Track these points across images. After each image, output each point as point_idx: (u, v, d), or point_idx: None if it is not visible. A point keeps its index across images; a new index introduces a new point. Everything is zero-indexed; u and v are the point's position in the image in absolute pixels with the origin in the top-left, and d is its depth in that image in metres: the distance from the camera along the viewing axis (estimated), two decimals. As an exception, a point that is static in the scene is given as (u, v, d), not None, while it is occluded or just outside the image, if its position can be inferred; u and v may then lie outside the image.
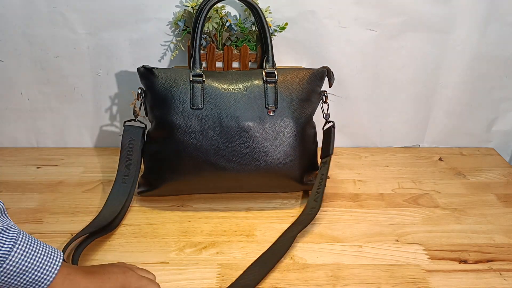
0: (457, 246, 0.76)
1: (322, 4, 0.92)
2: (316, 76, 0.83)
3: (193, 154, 0.78)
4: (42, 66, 0.96)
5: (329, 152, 0.85)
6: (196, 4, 0.87)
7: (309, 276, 0.69)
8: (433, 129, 1.09)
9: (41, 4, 0.90)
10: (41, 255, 0.51)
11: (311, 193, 0.83)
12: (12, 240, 0.49)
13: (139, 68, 0.81)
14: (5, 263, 0.48)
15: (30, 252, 0.50)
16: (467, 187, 0.94)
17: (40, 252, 0.51)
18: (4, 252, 0.48)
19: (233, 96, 0.79)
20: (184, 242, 0.76)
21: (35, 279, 0.50)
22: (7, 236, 0.49)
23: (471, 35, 0.97)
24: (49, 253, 0.52)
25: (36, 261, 0.50)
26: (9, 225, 0.50)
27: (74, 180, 0.92)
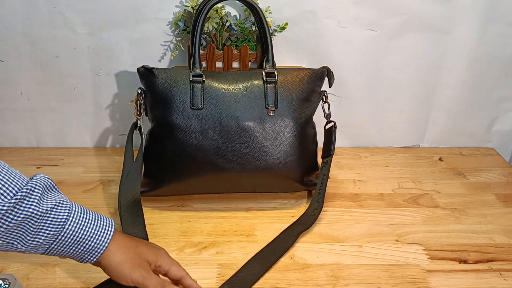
0: (457, 246, 0.76)
1: (322, 4, 0.92)
2: (316, 76, 0.83)
3: (193, 154, 0.78)
4: (42, 66, 0.96)
5: (330, 152, 0.85)
6: (196, 4, 0.87)
7: (309, 276, 0.69)
8: (433, 129, 1.09)
9: (41, 4, 0.90)
10: (95, 226, 0.54)
11: (314, 194, 0.83)
12: (65, 214, 0.51)
13: (139, 68, 0.81)
14: (60, 235, 0.51)
15: (84, 223, 0.53)
16: (467, 187, 0.94)
17: (93, 223, 0.54)
18: (59, 225, 0.50)
19: (233, 96, 0.79)
20: (184, 242, 0.76)
21: (90, 248, 0.53)
22: (60, 210, 0.51)
23: (471, 35, 0.97)
24: (102, 223, 0.55)
25: (91, 231, 0.53)
26: (62, 199, 0.52)
27: (74, 180, 0.92)
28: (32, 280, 0.67)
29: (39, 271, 0.68)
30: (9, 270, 0.68)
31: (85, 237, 0.53)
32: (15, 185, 0.48)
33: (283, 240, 0.75)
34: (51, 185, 0.53)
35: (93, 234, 0.54)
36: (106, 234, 0.55)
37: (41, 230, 0.50)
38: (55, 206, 0.51)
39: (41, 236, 0.50)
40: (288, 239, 0.75)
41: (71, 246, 0.53)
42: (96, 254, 0.54)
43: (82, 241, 0.53)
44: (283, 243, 0.74)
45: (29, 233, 0.49)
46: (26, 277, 0.67)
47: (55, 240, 0.51)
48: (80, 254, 0.54)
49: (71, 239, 0.52)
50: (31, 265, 0.69)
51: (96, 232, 0.54)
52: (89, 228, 0.53)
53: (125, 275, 0.55)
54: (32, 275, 0.67)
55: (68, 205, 0.53)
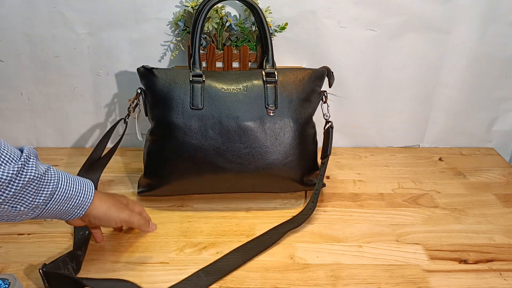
0: (457, 246, 0.76)
1: (322, 4, 0.92)
2: (316, 76, 0.83)
3: (193, 154, 0.78)
4: (42, 66, 0.96)
5: (327, 153, 0.85)
6: (196, 4, 0.87)
7: (309, 276, 0.69)
8: (433, 129, 1.09)
9: (41, 4, 0.90)
10: (79, 184, 0.62)
11: (312, 194, 0.83)
12: (56, 176, 0.59)
13: (139, 68, 0.81)
14: (55, 194, 0.58)
15: (71, 183, 0.61)
16: (467, 187, 0.94)
17: (77, 182, 0.62)
18: (54, 185, 0.58)
19: (233, 96, 0.79)
20: (184, 242, 0.76)
21: (79, 203, 0.61)
22: (51, 173, 0.58)
23: (471, 35, 0.97)
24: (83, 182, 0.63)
25: (77, 188, 0.61)
26: (48, 165, 0.59)
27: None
28: (32, 280, 0.67)
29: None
30: (9, 270, 0.68)
31: (74, 193, 0.61)
32: (15, 153, 0.54)
33: (270, 236, 0.75)
34: (37, 154, 0.59)
35: (80, 190, 0.62)
36: (89, 189, 0.63)
37: (41, 190, 0.56)
38: (47, 170, 0.58)
39: (40, 196, 0.56)
40: (275, 236, 0.75)
41: (64, 203, 0.60)
42: (84, 206, 0.62)
43: (73, 197, 0.60)
44: (269, 239, 0.75)
45: (31, 195, 0.55)
46: (26, 277, 0.67)
47: (51, 199, 0.58)
48: (71, 210, 0.61)
49: (64, 196, 0.59)
50: (31, 265, 0.69)
51: (81, 188, 0.62)
52: (76, 186, 0.61)
53: (114, 218, 0.66)
54: (32, 275, 0.68)
55: (54, 169, 0.60)
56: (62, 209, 0.60)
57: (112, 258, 0.71)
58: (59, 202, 0.59)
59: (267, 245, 0.74)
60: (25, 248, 0.73)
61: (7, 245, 0.74)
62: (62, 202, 0.59)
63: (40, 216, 0.59)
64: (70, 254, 0.68)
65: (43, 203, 0.57)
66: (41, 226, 0.78)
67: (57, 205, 0.59)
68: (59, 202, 0.59)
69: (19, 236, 0.76)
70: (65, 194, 0.59)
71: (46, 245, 0.74)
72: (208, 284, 0.66)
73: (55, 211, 0.59)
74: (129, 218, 0.69)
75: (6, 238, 0.75)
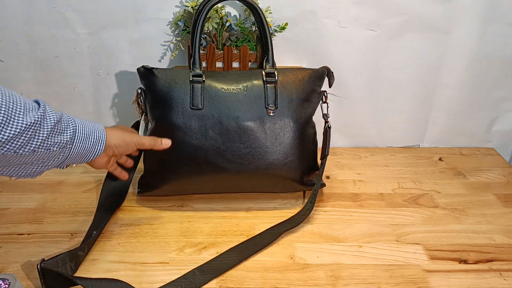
0: (457, 246, 0.76)
1: (322, 4, 0.92)
2: (316, 76, 0.83)
3: (193, 154, 0.78)
4: (42, 66, 0.96)
5: (325, 153, 0.85)
6: (196, 4, 0.87)
7: (309, 276, 0.69)
8: (433, 129, 1.09)
9: (41, 4, 0.90)
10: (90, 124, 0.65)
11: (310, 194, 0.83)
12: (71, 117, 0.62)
13: (139, 68, 0.81)
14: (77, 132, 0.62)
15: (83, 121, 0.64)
16: (467, 187, 0.94)
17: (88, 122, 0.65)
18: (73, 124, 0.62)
19: (233, 96, 0.79)
20: (184, 242, 0.76)
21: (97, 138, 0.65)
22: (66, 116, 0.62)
23: (471, 35, 0.97)
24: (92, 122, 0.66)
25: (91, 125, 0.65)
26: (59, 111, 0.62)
27: (74, 180, 0.92)
28: (32, 280, 0.67)
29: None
30: (9, 270, 0.68)
31: (91, 130, 0.65)
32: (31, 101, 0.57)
33: (267, 236, 0.75)
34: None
35: (93, 127, 0.65)
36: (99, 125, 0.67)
37: (65, 130, 0.60)
38: (62, 114, 0.61)
39: (66, 135, 0.60)
40: (272, 236, 0.76)
41: (86, 140, 0.64)
42: (103, 139, 0.66)
43: (91, 134, 0.65)
44: (266, 239, 0.75)
45: (59, 134, 0.59)
46: (26, 277, 0.67)
47: (75, 137, 0.62)
48: (93, 146, 0.65)
49: (84, 133, 0.63)
50: (31, 265, 0.69)
51: (94, 126, 0.66)
52: (89, 125, 0.65)
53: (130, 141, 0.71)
54: (32, 275, 0.68)
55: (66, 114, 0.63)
56: (86, 146, 0.64)
57: (112, 258, 0.71)
58: (82, 139, 0.63)
59: (264, 244, 0.74)
60: (25, 248, 0.73)
61: (7, 245, 0.74)
62: (84, 139, 0.63)
63: (69, 158, 0.62)
64: (71, 253, 0.68)
65: (70, 141, 0.61)
66: (41, 226, 0.78)
67: (81, 143, 0.63)
68: (81, 139, 0.63)
69: (19, 236, 0.76)
70: (84, 131, 0.63)
71: (46, 245, 0.74)
72: (204, 283, 0.67)
73: (80, 151, 0.63)
74: (141, 138, 0.73)
75: (6, 238, 0.75)
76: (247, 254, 0.72)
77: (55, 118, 0.58)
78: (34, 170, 0.60)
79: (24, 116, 0.53)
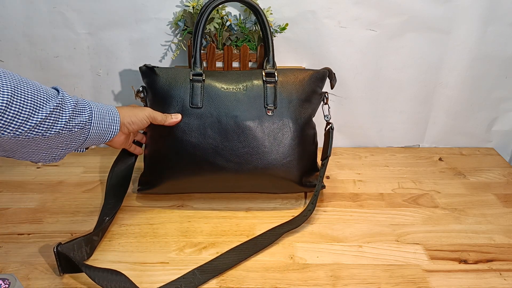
0: (457, 246, 0.76)
1: (322, 4, 0.92)
2: (316, 77, 0.83)
3: (191, 152, 0.78)
4: (42, 66, 0.96)
5: (327, 154, 0.85)
6: (196, 4, 0.87)
7: (309, 276, 0.69)
8: (433, 129, 1.09)
9: (41, 4, 0.90)
10: (102, 105, 0.68)
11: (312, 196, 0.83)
12: (85, 100, 0.65)
13: (141, 67, 0.81)
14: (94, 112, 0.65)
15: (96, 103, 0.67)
16: (467, 187, 0.94)
17: (99, 104, 0.68)
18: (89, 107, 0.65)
19: (233, 95, 0.79)
20: (184, 242, 0.76)
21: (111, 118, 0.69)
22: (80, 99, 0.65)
23: (471, 35, 0.97)
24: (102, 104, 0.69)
25: (105, 107, 0.68)
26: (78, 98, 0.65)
27: (74, 180, 0.92)
28: (32, 280, 0.67)
29: (39, 271, 0.68)
30: (9, 270, 0.68)
31: (105, 111, 0.68)
32: (50, 89, 0.61)
33: (267, 237, 0.75)
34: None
35: (106, 107, 0.69)
36: (110, 106, 0.70)
37: (83, 111, 0.64)
38: (77, 97, 0.64)
39: (85, 115, 0.64)
40: (273, 236, 0.76)
41: (103, 120, 0.67)
42: (117, 119, 0.69)
43: (106, 114, 0.68)
44: (267, 240, 0.75)
45: (78, 115, 0.63)
46: (26, 277, 0.67)
47: (93, 118, 0.65)
48: (109, 126, 0.68)
49: (100, 113, 0.67)
50: (31, 265, 0.69)
51: (106, 106, 0.69)
52: (101, 105, 0.68)
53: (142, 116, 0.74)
54: (32, 275, 0.68)
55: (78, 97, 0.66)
56: (103, 126, 0.67)
57: (112, 258, 0.71)
58: (98, 120, 0.66)
59: (264, 245, 0.74)
60: (25, 248, 0.73)
61: (7, 245, 0.74)
62: (100, 119, 0.66)
63: (90, 139, 0.66)
64: (86, 238, 0.70)
65: (88, 121, 0.64)
66: (41, 226, 0.78)
67: (98, 123, 0.66)
68: (98, 120, 0.66)
69: (19, 236, 0.76)
70: (100, 112, 0.67)
71: (46, 245, 0.74)
72: (203, 282, 0.67)
73: (98, 130, 0.67)
74: (153, 112, 0.76)
75: (6, 238, 0.75)
76: (247, 254, 0.72)
77: (73, 101, 0.62)
78: (58, 153, 0.65)
79: (48, 102, 0.58)
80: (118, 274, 0.64)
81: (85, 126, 0.64)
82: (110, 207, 0.81)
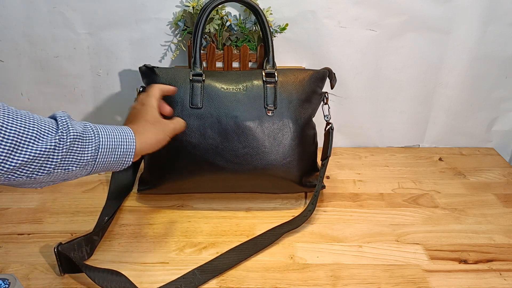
0: (457, 246, 0.76)
1: (322, 4, 0.92)
2: (316, 77, 0.83)
3: (191, 152, 0.78)
4: (42, 66, 0.96)
5: (327, 154, 0.85)
6: (196, 4, 0.87)
7: (309, 276, 0.69)
8: (433, 129, 1.09)
9: (41, 4, 0.90)
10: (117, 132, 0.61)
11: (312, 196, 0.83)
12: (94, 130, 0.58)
13: (141, 67, 0.81)
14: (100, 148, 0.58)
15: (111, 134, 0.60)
16: (467, 187, 0.94)
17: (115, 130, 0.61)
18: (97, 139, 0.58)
19: (233, 95, 0.79)
20: (184, 242, 0.76)
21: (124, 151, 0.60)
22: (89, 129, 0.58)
23: (471, 35, 0.97)
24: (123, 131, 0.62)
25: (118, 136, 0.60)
26: (82, 122, 0.59)
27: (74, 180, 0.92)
28: (32, 280, 0.67)
29: (39, 271, 0.68)
30: (9, 270, 0.68)
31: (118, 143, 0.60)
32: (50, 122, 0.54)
33: (267, 237, 0.76)
34: (69, 116, 0.58)
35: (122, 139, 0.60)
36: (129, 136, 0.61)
37: (85, 148, 0.56)
38: (85, 127, 0.57)
39: (87, 153, 0.56)
40: (273, 237, 0.76)
41: (111, 155, 0.59)
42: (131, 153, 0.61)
43: (117, 147, 0.60)
44: (267, 240, 0.75)
45: (79, 153, 0.55)
46: (26, 277, 0.67)
47: (98, 154, 0.58)
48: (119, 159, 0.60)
49: (108, 148, 0.59)
50: (31, 265, 0.69)
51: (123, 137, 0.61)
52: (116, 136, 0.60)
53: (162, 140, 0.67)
54: (32, 275, 0.68)
55: (90, 124, 0.59)
56: (110, 161, 0.60)
57: (112, 258, 0.71)
58: (106, 154, 0.59)
59: (264, 245, 0.74)
60: (25, 248, 0.73)
61: (7, 245, 0.74)
62: (109, 154, 0.59)
63: (94, 171, 0.59)
64: (86, 237, 0.70)
65: (91, 159, 0.57)
66: (41, 226, 0.78)
67: (105, 158, 0.59)
68: (105, 154, 0.59)
69: (19, 236, 0.76)
70: (109, 146, 0.59)
71: (46, 245, 0.74)
72: (203, 282, 0.67)
73: (105, 164, 0.60)
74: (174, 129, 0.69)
75: (6, 238, 0.75)
76: (247, 254, 0.72)
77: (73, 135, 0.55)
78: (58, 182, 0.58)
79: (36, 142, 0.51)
80: (118, 275, 0.64)
81: (87, 163, 0.57)
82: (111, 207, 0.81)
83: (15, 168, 0.50)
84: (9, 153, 0.49)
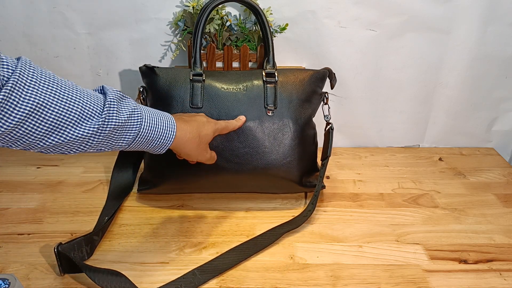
0: (457, 246, 0.76)
1: (322, 4, 0.92)
2: (316, 77, 0.83)
3: (192, 153, 0.78)
4: (42, 66, 0.96)
5: (327, 154, 0.85)
6: (196, 4, 0.87)
7: (309, 276, 0.69)
8: (433, 129, 1.09)
9: (41, 4, 0.90)
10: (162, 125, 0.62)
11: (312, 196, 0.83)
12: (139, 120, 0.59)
13: (141, 67, 0.81)
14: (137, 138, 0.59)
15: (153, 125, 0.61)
16: (467, 187, 0.94)
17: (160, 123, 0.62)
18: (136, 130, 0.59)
19: (233, 95, 0.79)
20: (184, 242, 0.76)
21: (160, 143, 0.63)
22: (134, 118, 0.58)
23: (471, 35, 0.97)
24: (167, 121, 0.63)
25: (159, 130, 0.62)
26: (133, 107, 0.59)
27: (74, 180, 0.92)
28: (32, 280, 0.67)
29: (39, 271, 0.68)
30: (9, 270, 0.68)
31: (156, 136, 0.62)
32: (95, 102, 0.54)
33: (267, 237, 0.76)
34: (122, 96, 0.59)
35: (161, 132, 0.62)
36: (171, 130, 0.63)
37: (123, 136, 0.58)
38: (130, 115, 0.58)
39: (123, 141, 0.58)
40: (273, 236, 0.76)
41: (146, 143, 0.61)
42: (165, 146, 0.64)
43: (155, 139, 0.62)
44: (267, 240, 0.75)
45: (115, 140, 0.57)
46: (26, 277, 0.67)
47: (133, 141, 0.59)
48: (153, 148, 0.63)
49: (145, 138, 0.61)
50: (31, 265, 0.69)
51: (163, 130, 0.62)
52: (158, 128, 0.62)
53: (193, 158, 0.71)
54: (32, 275, 0.68)
55: (139, 110, 0.60)
56: (144, 147, 0.62)
57: (112, 258, 0.71)
58: (142, 142, 0.61)
59: (264, 245, 0.74)
60: (25, 248, 0.73)
61: (7, 245, 0.74)
62: (145, 142, 0.61)
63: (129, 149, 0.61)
64: (86, 237, 0.70)
65: (125, 145, 0.59)
66: (41, 226, 0.78)
67: (139, 145, 0.61)
68: (141, 142, 0.61)
69: (19, 236, 0.76)
70: (147, 136, 0.60)
71: (46, 245, 0.74)
72: (203, 282, 0.67)
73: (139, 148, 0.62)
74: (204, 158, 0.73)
75: (6, 238, 0.75)
76: (247, 254, 0.72)
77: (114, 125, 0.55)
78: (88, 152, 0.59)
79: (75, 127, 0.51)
80: (118, 275, 0.64)
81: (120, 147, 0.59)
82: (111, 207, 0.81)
83: (49, 147, 0.51)
84: (46, 135, 0.49)
